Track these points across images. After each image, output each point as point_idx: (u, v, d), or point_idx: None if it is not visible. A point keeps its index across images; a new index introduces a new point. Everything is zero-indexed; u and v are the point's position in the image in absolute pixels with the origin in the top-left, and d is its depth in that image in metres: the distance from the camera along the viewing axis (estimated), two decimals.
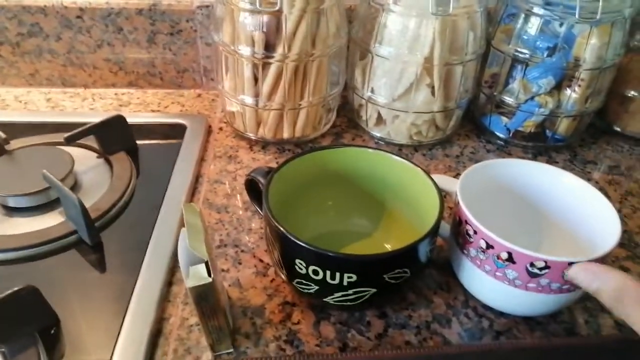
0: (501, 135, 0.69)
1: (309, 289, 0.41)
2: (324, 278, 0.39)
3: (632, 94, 0.68)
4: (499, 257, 0.40)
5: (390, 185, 0.50)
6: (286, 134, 0.65)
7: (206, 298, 0.36)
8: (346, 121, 0.72)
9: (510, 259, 0.39)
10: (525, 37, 0.62)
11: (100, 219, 0.52)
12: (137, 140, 0.64)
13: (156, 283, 0.46)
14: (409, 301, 0.46)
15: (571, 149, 0.69)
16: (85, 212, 0.47)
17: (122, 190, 0.55)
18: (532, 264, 0.39)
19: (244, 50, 0.59)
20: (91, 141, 0.61)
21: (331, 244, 0.48)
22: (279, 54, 0.58)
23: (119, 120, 0.61)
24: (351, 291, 0.39)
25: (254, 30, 0.57)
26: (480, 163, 0.48)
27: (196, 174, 0.60)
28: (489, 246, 0.40)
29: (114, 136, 0.61)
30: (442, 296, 0.47)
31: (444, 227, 0.47)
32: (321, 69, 0.62)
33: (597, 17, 0.57)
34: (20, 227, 0.50)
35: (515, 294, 0.41)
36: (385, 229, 0.51)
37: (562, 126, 0.66)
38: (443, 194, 0.45)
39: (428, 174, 0.46)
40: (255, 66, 0.60)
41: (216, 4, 0.61)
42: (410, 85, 0.61)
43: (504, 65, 0.65)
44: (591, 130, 0.72)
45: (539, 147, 0.68)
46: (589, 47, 0.59)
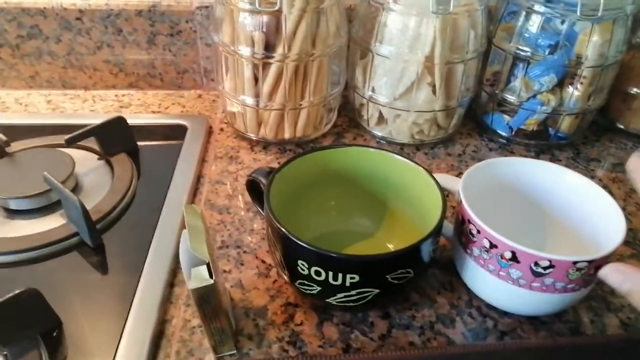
0: (503, 133, 0.69)
1: (312, 290, 0.40)
2: (326, 279, 0.39)
3: (635, 91, 0.68)
4: (502, 256, 0.40)
5: (392, 184, 0.49)
6: (287, 134, 0.65)
7: (208, 300, 0.36)
8: (347, 121, 0.72)
9: (514, 258, 0.39)
10: (527, 34, 0.62)
11: (101, 221, 0.51)
12: (138, 142, 0.64)
13: (158, 284, 0.45)
14: (413, 301, 0.46)
15: (574, 147, 0.69)
16: (87, 214, 0.47)
17: (123, 191, 0.55)
18: (536, 264, 0.38)
19: (244, 51, 0.58)
20: (92, 143, 0.61)
21: (333, 244, 0.48)
22: (279, 54, 0.58)
23: (119, 121, 0.61)
24: (354, 292, 0.39)
25: (254, 31, 0.57)
26: (482, 162, 0.48)
27: (197, 174, 0.60)
28: (493, 245, 0.40)
29: (114, 138, 0.60)
30: (446, 296, 0.46)
31: (446, 227, 0.47)
32: (322, 68, 0.61)
33: (598, 14, 0.57)
34: (22, 230, 0.50)
35: (520, 293, 0.41)
36: (388, 229, 0.51)
37: (565, 124, 0.65)
38: (445, 193, 0.44)
39: (430, 173, 0.45)
40: (255, 66, 0.60)
41: (215, 4, 0.61)
42: (411, 84, 0.61)
43: (506, 63, 0.65)
44: (594, 128, 0.72)
45: (541, 145, 0.68)
46: (591, 45, 0.59)
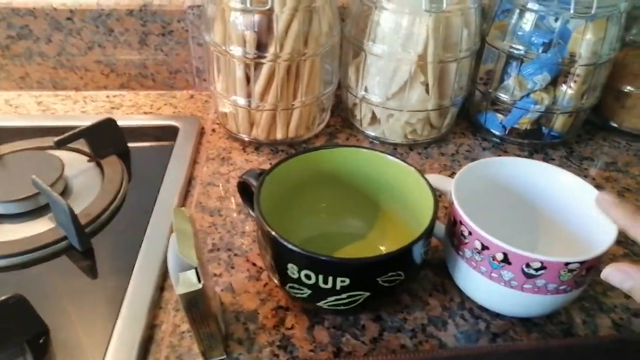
0: (497, 132, 0.68)
1: (302, 294, 0.40)
2: (316, 282, 0.38)
3: (629, 89, 0.68)
4: (494, 258, 0.39)
5: (385, 185, 0.49)
6: (279, 135, 0.64)
7: (196, 304, 0.35)
8: (340, 121, 0.72)
9: (505, 259, 0.39)
10: (520, 33, 0.61)
11: (90, 224, 0.51)
12: (129, 143, 0.64)
13: (147, 289, 0.45)
14: (404, 304, 0.45)
15: (567, 146, 0.69)
16: (75, 219, 0.47)
17: (113, 194, 0.54)
18: (528, 265, 0.38)
19: (236, 51, 0.58)
20: (82, 145, 0.60)
21: (325, 246, 0.48)
22: (270, 53, 0.57)
23: (109, 123, 0.60)
24: (344, 295, 0.39)
25: (245, 30, 0.57)
26: (475, 162, 0.47)
27: (189, 176, 0.60)
28: (484, 247, 0.40)
29: (104, 139, 0.60)
30: (438, 298, 0.46)
31: (439, 228, 0.47)
32: (314, 68, 0.61)
33: (592, 12, 0.56)
34: (10, 234, 0.50)
35: (512, 295, 0.40)
36: (380, 230, 0.51)
37: (558, 123, 0.65)
38: (438, 193, 0.44)
39: (422, 174, 0.45)
40: (247, 66, 0.59)
41: (207, 3, 0.60)
42: (404, 83, 0.61)
43: (499, 61, 0.64)
44: (587, 127, 0.72)
45: (535, 144, 0.68)
46: (585, 43, 0.59)
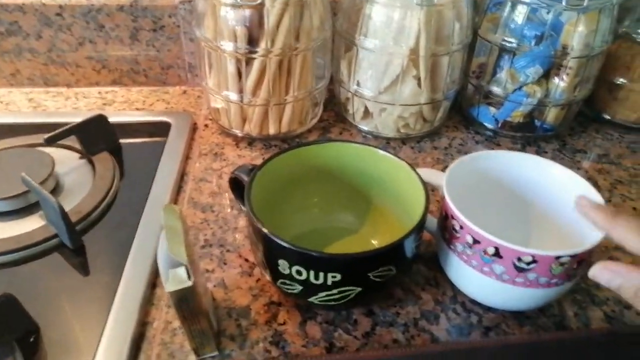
0: (490, 126, 0.68)
1: (293, 289, 0.40)
2: (307, 278, 0.38)
3: (621, 81, 0.68)
4: (485, 252, 0.39)
5: (377, 180, 0.49)
6: (272, 130, 0.64)
7: (187, 302, 0.35)
8: (333, 115, 0.72)
9: (497, 254, 0.39)
10: (512, 25, 0.61)
11: (82, 222, 0.51)
12: (121, 140, 0.63)
13: (139, 286, 0.45)
14: (397, 298, 0.45)
15: (560, 139, 0.69)
16: (65, 216, 0.46)
17: (104, 191, 0.54)
18: (519, 259, 0.38)
19: (227, 46, 0.57)
20: (73, 142, 0.60)
21: (317, 241, 0.48)
22: (262, 48, 0.57)
23: (100, 119, 0.60)
24: (336, 291, 0.39)
25: (236, 25, 0.56)
26: (466, 156, 0.47)
27: (181, 172, 0.60)
28: (476, 241, 0.40)
29: (96, 136, 0.60)
30: (430, 292, 0.46)
31: (431, 222, 0.47)
32: (306, 62, 0.61)
33: (584, 4, 0.56)
34: (0, 232, 0.49)
35: (503, 289, 0.40)
36: (372, 225, 0.51)
37: (551, 115, 0.65)
38: (430, 188, 0.44)
39: (413, 168, 0.45)
40: (238, 61, 0.59)
41: None
42: (396, 77, 0.60)
43: (491, 54, 0.64)
44: (580, 119, 0.72)
45: (527, 137, 0.68)
46: (577, 35, 0.58)
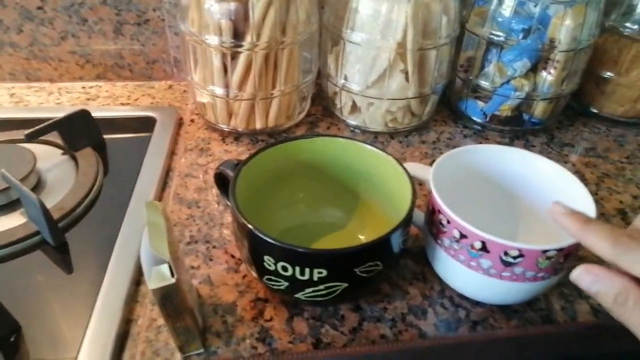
0: (478, 120, 0.68)
1: (279, 286, 0.40)
2: (293, 274, 0.38)
3: (608, 75, 0.68)
4: (472, 246, 0.39)
5: (364, 175, 0.48)
6: (259, 125, 0.63)
7: (170, 299, 0.35)
8: (321, 110, 0.71)
9: (484, 248, 0.39)
10: (500, 19, 0.61)
11: (64, 219, 0.50)
12: (106, 135, 0.62)
13: (123, 283, 0.44)
14: (384, 293, 0.45)
15: (548, 132, 0.69)
16: (47, 213, 0.46)
17: (88, 187, 0.53)
18: (506, 253, 0.38)
19: (212, 40, 0.57)
20: (55, 137, 0.59)
21: (303, 237, 0.48)
22: (248, 42, 0.56)
23: (83, 115, 0.58)
24: (322, 286, 0.38)
25: (221, 19, 0.55)
26: (453, 150, 0.47)
27: (166, 168, 0.59)
28: (463, 236, 0.39)
29: (79, 132, 0.59)
30: (418, 287, 0.46)
31: (418, 216, 0.46)
32: (292, 56, 0.60)
33: None
34: None
35: (490, 283, 0.40)
36: (359, 220, 0.50)
37: (539, 109, 0.65)
38: (418, 182, 0.44)
39: (400, 163, 0.44)
40: (224, 56, 0.58)
41: None
42: (383, 71, 0.60)
43: (479, 48, 0.64)
44: (568, 113, 0.72)
45: (516, 131, 0.68)
46: (564, 28, 0.58)
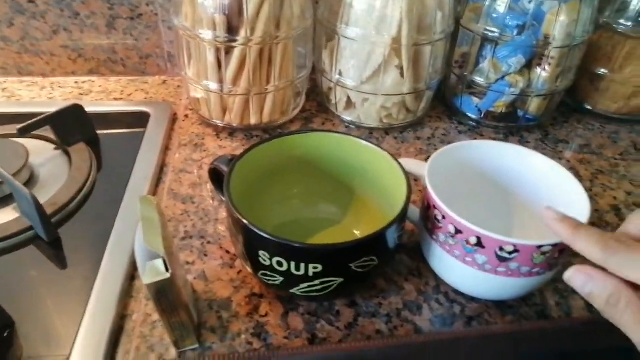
0: (473, 116, 0.68)
1: (274, 281, 0.39)
2: (288, 269, 0.38)
3: (602, 71, 0.68)
4: (468, 242, 0.39)
5: (359, 170, 0.48)
6: (253, 120, 0.63)
7: (165, 294, 0.34)
8: (316, 105, 0.71)
9: (479, 243, 0.39)
10: (495, 15, 0.61)
11: (57, 214, 0.49)
12: (99, 130, 0.62)
13: (117, 278, 0.44)
14: (380, 288, 0.45)
15: (543, 129, 0.69)
16: (40, 208, 0.45)
17: (81, 182, 0.53)
18: (501, 248, 0.38)
19: (206, 34, 0.56)
20: (48, 132, 0.58)
21: (299, 232, 0.48)
22: (242, 37, 0.56)
23: (76, 109, 0.58)
24: (317, 282, 0.38)
25: (215, 13, 0.55)
26: (448, 146, 0.47)
27: (160, 163, 0.58)
28: (458, 231, 0.39)
29: (72, 126, 0.58)
30: (413, 282, 0.46)
31: (414, 212, 0.46)
32: (287, 52, 0.60)
33: None
34: None
35: (486, 278, 0.40)
36: (355, 215, 0.50)
37: (533, 105, 0.65)
38: (413, 178, 0.44)
39: (395, 159, 0.44)
40: (218, 50, 0.58)
41: None
42: (378, 66, 0.60)
43: (474, 44, 0.64)
44: (562, 109, 0.72)
45: (510, 128, 0.68)
46: (558, 25, 0.58)
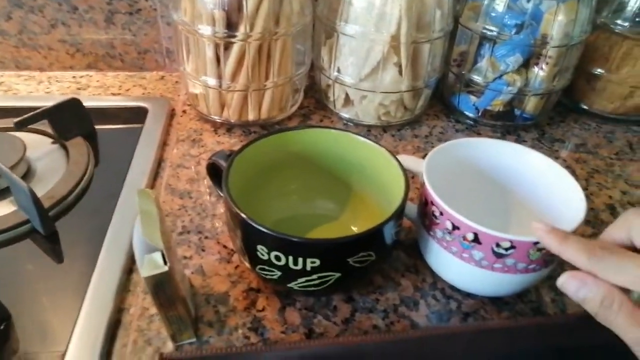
0: (470, 114, 0.68)
1: (272, 275, 0.40)
2: (286, 264, 0.38)
3: (599, 71, 0.68)
4: (464, 238, 0.39)
5: (356, 166, 0.48)
6: (251, 116, 0.63)
7: (163, 287, 0.34)
8: (314, 102, 0.71)
9: (476, 239, 0.39)
10: (493, 14, 0.61)
11: (55, 207, 0.49)
12: (97, 125, 0.62)
13: (114, 272, 0.44)
14: (377, 284, 0.45)
15: (539, 128, 0.69)
16: (37, 201, 0.45)
17: (78, 176, 0.53)
18: (497, 245, 0.38)
19: (205, 30, 0.56)
20: (45, 126, 0.58)
21: (296, 228, 0.48)
22: (241, 33, 0.56)
23: (74, 103, 0.58)
24: (315, 276, 0.38)
25: (214, 9, 0.55)
26: (446, 143, 0.47)
27: (158, 158, 0.58)
28: (455, 227, 0.40)
29: (69, 121, 0.58)
30: (410, 278, 0.46)
31: (411, 209, 0.47)
32: (286, 48, 0.60)
33: None
34: None
35: (482, 274, 0.41)
36: (352, 212, 0.50)
37: (530, 104, 0.65)
38: (410, 174, 0.44)
39: (393, 155, 0.45)
40: (217, 46, 0.58)
41: None
42: (377, 64, 0.60)
43: (472, 43, 0.64)
44: (559, 109, 0.72)
45: (507, 126, 0.68)
46: (556, 24, 0.59)
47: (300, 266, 0.38)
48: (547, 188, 0.46)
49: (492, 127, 0.68)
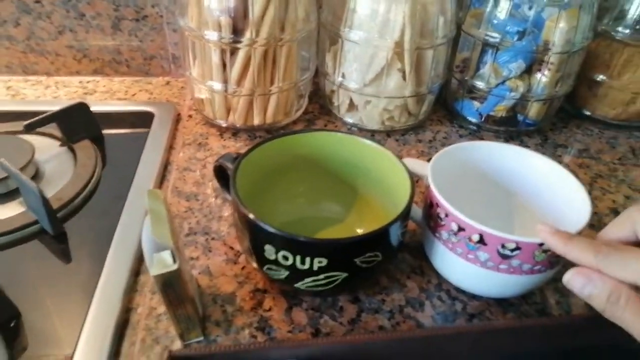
0: (473, 120, 0.69)
1: (280, 275, 0.40)
2: (293, 263, 0.38)
3: (600, 78, 0.69)
4: (470, 239, 0.40)
5: (362, 169, 0.49)
6: (257, 121, 0.64)
7: (172, 286, 0.35)
8: (318, 107, 0.72)
9: (481, 241, 0.39)
10: (495, 21, 0.62)
11: (63, 209, 0.50)
12: (104, 130, 0.62)
13: (122, 272, 0.44)
14: (382, 285, 0.46)
15: (542, 133, 0.70)
16: (46, 202, 0.46)
17: (86, 179, 0.53)
18: (503, 246, 0.39)
19: (211, 36, 0.57)
20: (53, 129, 0.59)
21: (303, 230, 0.48)
22: (247, 38, 0.57)
23: (81, 107, 0.59)
24: (322, 276, 0.39)
25: (221, 15, 0.56)
26: (451, 146, 0.48)
27: (164, 162, 0.59)
28: (461, 229, 0.40)
29: (77, 124, 0.59)
30: (416, 280, 0.46)
31: (416, 211, 0.47)
32: (291, 54, 0.61)
33: (565, 1, 0.57)
34: None
35: (487, 275, 0.41)
36: (358, 214, 0.51)
37: (533, 110, 0.66)
38: (415, 178, 0.44)
39: (398, 157, 0.45)
40: (223, 51, 0.58)
41: None
42: (381, 70, 0.61)
43: (475, 49, 0.65)
44: (561, 115, 0.73)
45: (510, 132, 0.69)
46: (558, 31, 0.59)
47: (307, 266, 0.38)
48: (550, 190, 0.47)
49: (495, 133, 0.69)
